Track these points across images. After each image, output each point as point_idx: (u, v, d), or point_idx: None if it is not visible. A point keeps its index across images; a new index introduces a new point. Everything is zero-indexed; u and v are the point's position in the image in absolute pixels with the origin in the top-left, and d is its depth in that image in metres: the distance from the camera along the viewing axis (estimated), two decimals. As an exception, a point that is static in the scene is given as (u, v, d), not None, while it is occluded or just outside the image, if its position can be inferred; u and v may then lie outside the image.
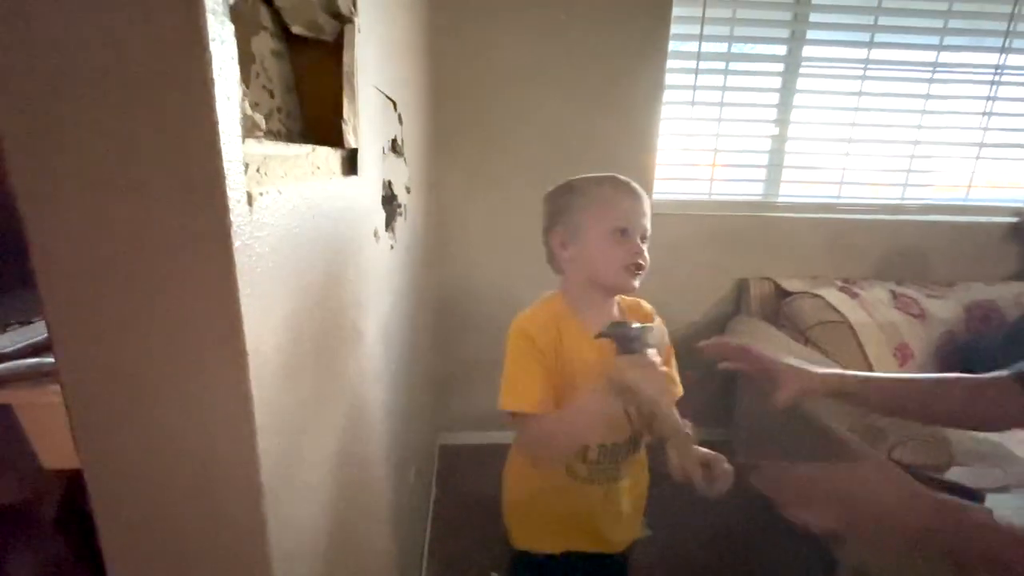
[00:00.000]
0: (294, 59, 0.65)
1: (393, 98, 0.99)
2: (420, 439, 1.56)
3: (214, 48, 0.28)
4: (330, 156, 0.55)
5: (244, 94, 0.32)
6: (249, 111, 0.34)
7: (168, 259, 0.30)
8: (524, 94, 1.83)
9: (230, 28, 0.30)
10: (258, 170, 0.35)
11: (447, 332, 2.07)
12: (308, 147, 0.48)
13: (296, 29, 0.61)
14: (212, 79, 0.28)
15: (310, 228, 0.48)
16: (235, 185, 0.31)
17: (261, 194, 0.35)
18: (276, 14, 0.60)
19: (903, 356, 1.76)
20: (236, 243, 0.31)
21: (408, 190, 1.21)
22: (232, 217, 0.31)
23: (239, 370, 0.33)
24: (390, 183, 0.99)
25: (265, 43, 0.57)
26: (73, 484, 0.84)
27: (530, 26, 1.77)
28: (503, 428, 2.34)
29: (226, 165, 0.30)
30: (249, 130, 0.34)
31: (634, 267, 0.78)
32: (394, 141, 1.03)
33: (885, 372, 1.46)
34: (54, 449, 0.67)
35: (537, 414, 0.75)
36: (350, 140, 0.58)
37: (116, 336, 0.31)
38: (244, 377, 0.34)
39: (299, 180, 0.45)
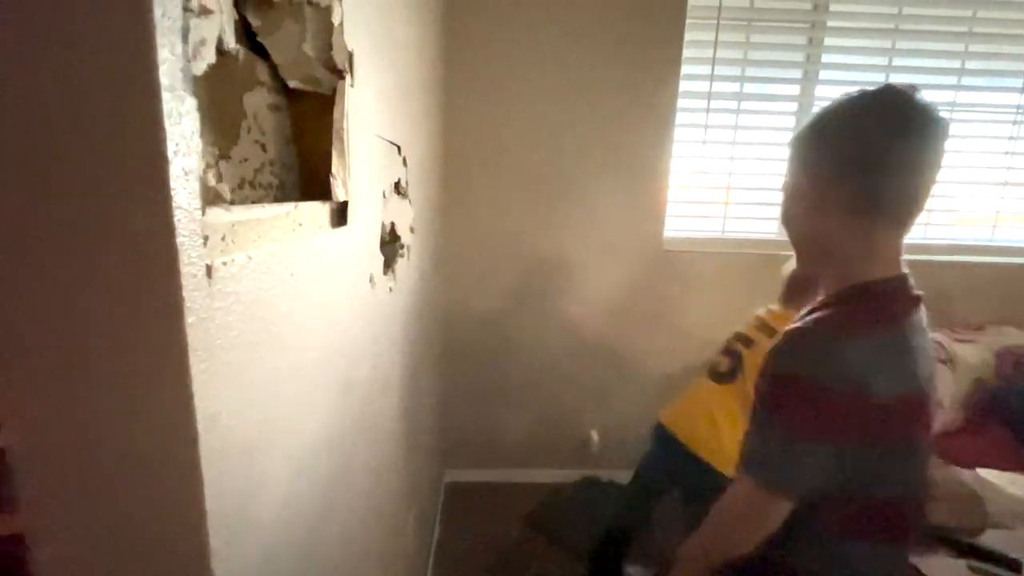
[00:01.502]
0: (293, 111, 0.65)
1: (398, 143, 1.00)
2: (423, 480, 1.51)
3: (170, 126, 0.28)
4: (316, 210, 0.55)
5: (208, 166, 0.32)
6: (212, 182, 0.33)
7: (117, 339, 0.29)
8: (533, 130, 1.85)
9: (191, 103, 0.30)
10: (223, 238, 0.35)
11: (456, 368, 2.04)
12: (289, 205, 0.47)
13: (293, 84, 0.62)
14: (166, 156, 0.28)
15: (288, 286, 0.47)
16: (190, 260, 0.30)
17: (224, 263, 0.34)
18: (274, 69, 0.61)
19: (930, 404, 1.68)
20: (190, 319, 0.30)
21: (412, 230, 1.21)
22: (185, 293, 0.30)
23: (189, 451, 0.32)
24: (393, 225, 0.99)
25: (261, 98, 0.58)
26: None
27: (542, 65, 1.80)
28: (513, 465, 2.25)
29: (180, 240, 0.29)
30: (212, 200, 0.34)
31: None
32: (397, 183, 1.04)
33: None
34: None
35: None
36: (339, 194, 0.58)
37: (59, 418, 0.30)
38: (195, 457, 0.32)
39: (277, 240, 0.44)
